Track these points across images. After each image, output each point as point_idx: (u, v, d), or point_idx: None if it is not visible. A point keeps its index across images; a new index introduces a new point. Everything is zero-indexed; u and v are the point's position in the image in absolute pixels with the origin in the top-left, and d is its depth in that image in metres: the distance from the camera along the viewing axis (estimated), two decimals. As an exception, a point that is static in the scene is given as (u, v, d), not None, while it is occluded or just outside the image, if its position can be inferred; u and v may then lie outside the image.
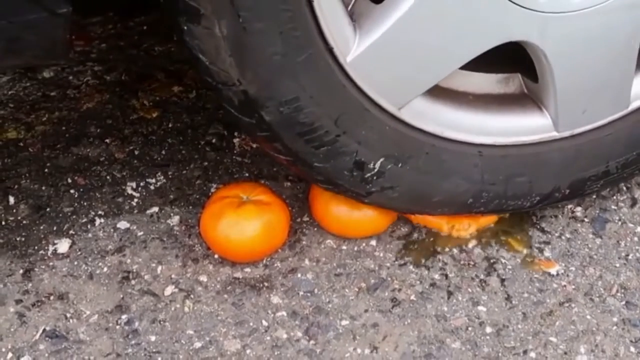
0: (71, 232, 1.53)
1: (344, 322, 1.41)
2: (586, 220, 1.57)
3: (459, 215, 1.52)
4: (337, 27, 1.25)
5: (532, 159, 1.45)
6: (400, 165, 1.39)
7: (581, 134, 1.46)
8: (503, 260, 1.50)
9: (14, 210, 1.56)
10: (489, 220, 1.55)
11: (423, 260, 1.50)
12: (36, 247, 1.50)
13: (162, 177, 1.63)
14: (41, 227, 1.54)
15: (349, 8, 1.28)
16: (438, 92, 1.40)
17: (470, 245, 1.52)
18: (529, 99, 1.44)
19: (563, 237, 1.54)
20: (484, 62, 1.36)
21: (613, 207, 1.59)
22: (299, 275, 1.47)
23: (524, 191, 1.47)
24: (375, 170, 1.39)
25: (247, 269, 1.48)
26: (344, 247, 1.51)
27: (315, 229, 1.54)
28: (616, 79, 1.42)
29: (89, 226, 1.54)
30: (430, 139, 1.39)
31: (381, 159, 1.38)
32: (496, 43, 1.32)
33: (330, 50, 1.26)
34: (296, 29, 1.21)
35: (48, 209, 1.57)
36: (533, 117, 1.43)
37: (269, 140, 1.33)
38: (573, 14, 1.31)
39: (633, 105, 1.46)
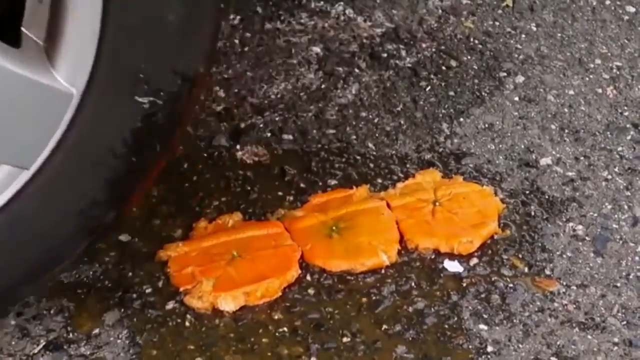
0: (73, 244, 1.53)
1: (345, 339, 1.41)
2: (587, 239, 1.57)
3: None
4: None
5: None
6: None
7: None
8: (504, 278, 1.50)
9: (16, 221, 1.56)
10: (490, 231, 1.56)
11: (424, 278, 1.50)
12: (38, 259, 1.50)
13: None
14: (43, 239, 1.54)
15: None
16: None
17: (471, 263, 1.52)
18: None
19: (564, 256, 1.54)
20: None
21: (614, 226, 1.59)
22: (300, 291, 1.47)
23: None
24: None
25: (249, 284, 1.48)
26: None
27: (317, 244, 1.54)
28: None
29: (90, 238, 1.54)
30: None
31: None
32: None
33: None
34: None
35: (50, 221, 1.57)
36: None
37: None
38: None
39: None
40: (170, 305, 1.44)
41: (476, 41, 1.93)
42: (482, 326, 1.44)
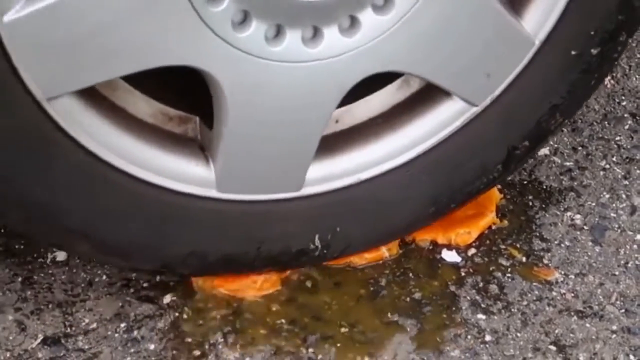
0: (70, 239, 1.53)
1: (343, 330, 1.41)
2: (585, 228, 1.57)
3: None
4: None
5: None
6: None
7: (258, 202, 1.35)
8: (502, 268, 1.50)
9: (13, 218, 1.56)
10: (488, 221, 1.56)
11: (422, 268, 1.50)
12: (35, 255, 1.50)
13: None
14: (40, 235, 1.54)
15: None
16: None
17: (469, 253, 1.52)
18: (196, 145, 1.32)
19: (562, 245, 1.54)
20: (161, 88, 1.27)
21: (612, 214, 1.59)
22: (298, 282, 1.47)
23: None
24: None
25: (246, 277, 1.48)
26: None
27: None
28: (293, 155, 1.32)
29: (88, 233, 1.54)
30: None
31: None
32: (170, 63, 1.19)
33: None
34: None
35: (47, 216, 1.57)
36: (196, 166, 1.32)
37: None
38: (271, 62, 1.21)
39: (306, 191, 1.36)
40: (167, 298, 1.44)
41: (473, 33, 1.93)
42: (481, 315, 1.43)
